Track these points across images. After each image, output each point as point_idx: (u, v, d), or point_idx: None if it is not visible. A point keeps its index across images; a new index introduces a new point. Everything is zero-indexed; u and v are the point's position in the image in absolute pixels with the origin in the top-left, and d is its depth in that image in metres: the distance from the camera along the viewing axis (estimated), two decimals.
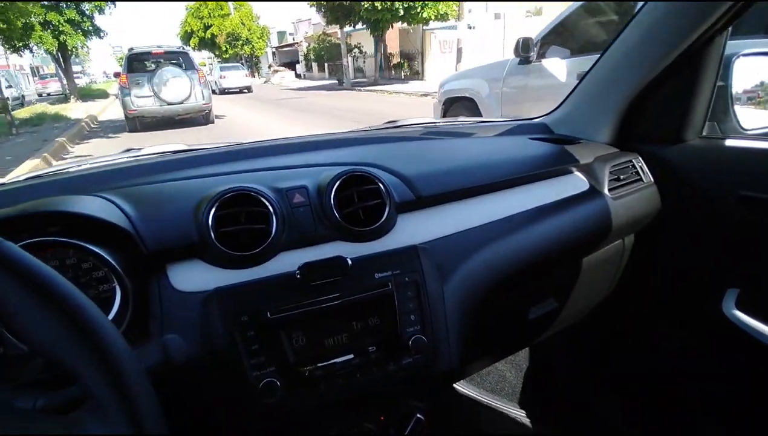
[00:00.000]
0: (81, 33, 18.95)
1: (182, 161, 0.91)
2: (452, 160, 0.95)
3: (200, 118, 9.64)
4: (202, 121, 9.65)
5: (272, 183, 0.73)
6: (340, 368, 0.64)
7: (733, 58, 1.17)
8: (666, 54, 0.96)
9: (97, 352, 0.36)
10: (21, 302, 0.35)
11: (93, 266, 0.60)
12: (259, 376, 0.60)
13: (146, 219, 0.64)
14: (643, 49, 1.00)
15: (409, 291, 0.69)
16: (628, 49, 1.03)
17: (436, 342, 0.69)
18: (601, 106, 1.13)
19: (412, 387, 0.71)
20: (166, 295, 0.62)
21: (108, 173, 0.84)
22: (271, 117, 11.10)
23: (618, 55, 1.06)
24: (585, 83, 1.16)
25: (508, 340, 1.12)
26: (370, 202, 0.73)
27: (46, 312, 0.36)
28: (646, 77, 1.01)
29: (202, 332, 0.61)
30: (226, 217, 0.66)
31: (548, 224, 0.90)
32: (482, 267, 0.79)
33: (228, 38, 34.37)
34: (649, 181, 1.08)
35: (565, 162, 1.01)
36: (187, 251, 0.65)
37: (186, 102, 8.96)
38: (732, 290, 1.00)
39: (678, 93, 1.03)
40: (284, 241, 0.68)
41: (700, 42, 0.93)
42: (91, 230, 0.61)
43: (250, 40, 34.98)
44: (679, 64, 0.97)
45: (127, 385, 0.37)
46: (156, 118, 9.18)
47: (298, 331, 0.63)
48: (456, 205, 0.84)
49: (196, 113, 9.41)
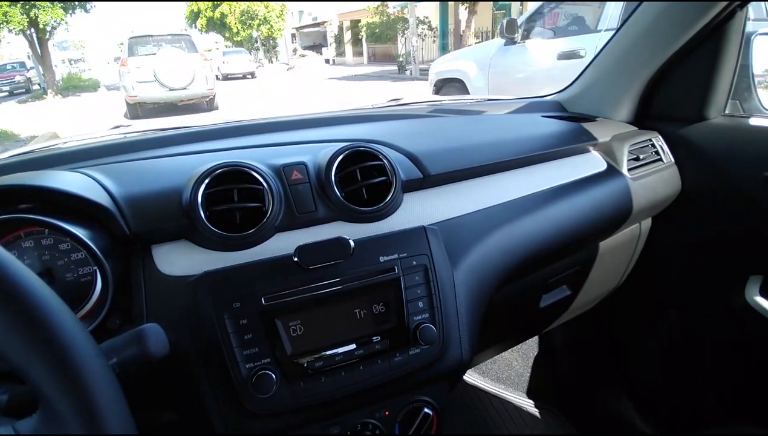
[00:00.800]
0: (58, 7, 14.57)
1: (172, 138, 0.86)
2: (461, 137, 0.90)
3: (204, 105, 9.22)
4: (206, 108, 9.25)
5: (268, 159, 0.68)
6: (341, 359, 0.60)
7: (752, 37, 1.14)
8: (687, 29, 0.92)
9: (51, 354, 0.32)
10: None
11: (71, 247, 0.56)
12: (253, 368, 0.55)
13: (130, 197, 0.61)
14: (663, 24, 0.96)
15: (416, 276, 0.64)
16: (647, 24, 0.98)
17: (445, 331, 0.65)
18: (618, 82, 1.08)
19: (419, 380, 0.67)
20: (150, 278, 0.59)
21: (92, 150, 0.80)
22: None
23: (636, 30, 1.01)
24: (601, 59, 1.11)
25: (519, 328, 1.09)
26: (375, 180, 0.69)
27: None
28: (666, 53, 0.97)
29: (189, 320, 0.56)
30: (218, 195, 0.62)
31: (565, 205, 0.85)
32: (495, 251, 0.74)
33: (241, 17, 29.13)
34: (669, 161, 1.03)
35: (581, 140, 0.97)
36: (175, 232, 0.61)
37: (189, 87, 8.51)
38: (755, 277, 0.96)
39: (700, 69, 0.99)
40: (281, 221, 0.64)
41: (721, 17, 0.90)
42: (70, 208, 0.57)
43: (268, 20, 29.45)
44: (700, 40, 0.94)
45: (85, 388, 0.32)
46: (158, 105, 8.71)
47: (295, 319, 0.59)
48: (466, 184, 0.80)
49: (199, 99, 8.96)
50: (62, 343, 0.32)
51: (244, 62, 19.61)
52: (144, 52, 8.55)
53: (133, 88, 8.23)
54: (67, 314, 0.34)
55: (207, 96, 9.01)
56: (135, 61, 8.28)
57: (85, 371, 0.33)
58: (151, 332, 0.45)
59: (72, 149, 0.81)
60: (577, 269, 1.01)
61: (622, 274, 1.14)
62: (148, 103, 8.57)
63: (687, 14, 0.91)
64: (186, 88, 8.51)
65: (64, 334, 0.33)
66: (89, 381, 0.33)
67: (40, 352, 0.32)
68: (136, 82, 8.22)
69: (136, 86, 8.23)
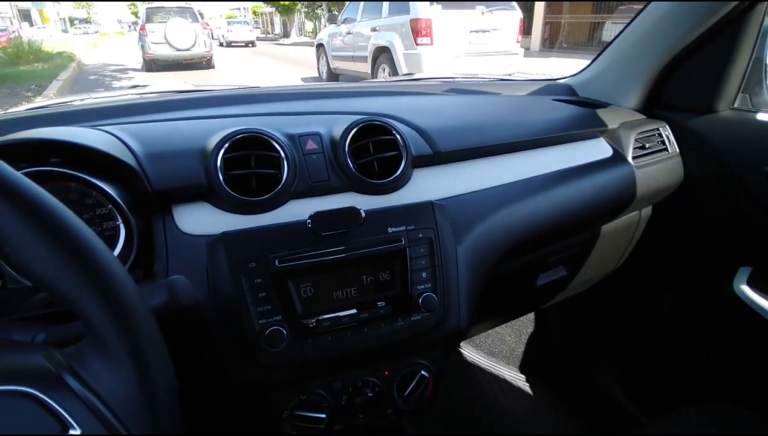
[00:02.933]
0: None
1: (191, 101, 0.88)
2: (472, 116, 0.92)
3: (203, 64, 11.70)
4: (205, 66, 11.71)
5: (284, 128, 0.70)
6: (347, 321, 0.63)
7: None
8: (702, 21, 0.92)
9: (100, 287, 0.35)
10: (22, 233, 0.33)
11: (97, 202, 0.58)
12: (266, 324, 0.59)
13: (152, 157, 0.62)
14: (679, 14, 0.95)
15: (422, 248, 0.67)
16: (663, 13, 0.98)
17: (446, 301, 0.68)
18: (631, 70, 1.08)
19: (418, 345, 0.71)
20: (172, 236, 0.61)
21: (114, 108, 0.81)
22: None
23: (652, 19, 1.01)
24: (615, 46, 1.11)
25: (516, 304, 1.12)
26: (386, 154, 0.71)
27: (48, 244, 0.34)
28: (680, 43, 0.97)
29: (207, 277, 0.60)
30: (236, 160, 0.63)
31: (569, 188, 0.87)
32: (498, 229, 0.77)
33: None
34: (674, 151, 1.05)
35: (589, 126, 0.98)
36: (194, 193, 0.63)
37: (191, 49, 10.99)
38: (744, 268, 0.99)
39: (712, 61, 0.98)
40: (295, 188, 0.66)
41: (739, 9, 0.89)
42: (95, 164, 0.58)
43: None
44: (715, 32, 0.93)
45: (131, 322, 0.35)
46: (168, 62, 11.08)
47: (306, 281, 0.62)
48: (474, 163, 0.82)
49: (199, 59, 11.41)
50: (117, 288, 0.35)
51: (246, 32, 21.89)
52: (157, 20, 10.96)
53: (149, 48, 10.70)
54: (116, 262, 0.36)
55: (205, 56, 11.50)
56: (151, 27, 10.70)
57: (136, 315, 0.36)
58: (180, 283, 0.48)
59: (93, 107, 0.82)
60: (576, 251, 1.03)
61: (618, 258, 1.16)
62: (160, 60, 10.93)
63: (704, 5, 0.91)
64: (189, 49, 10.98)
65: (119, 280, 0.35)
66: (139, 323, 0.36)
67: (98, 295, 0.34)
68: (152, 43, 10.71)
69: (151, 46, 10.74)
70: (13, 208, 0.33)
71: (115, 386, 0.35)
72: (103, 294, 0.35)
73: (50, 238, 0.34)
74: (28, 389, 0.32)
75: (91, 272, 0.34)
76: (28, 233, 0.33)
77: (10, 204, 0.33)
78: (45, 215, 0.34)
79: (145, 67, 11.29)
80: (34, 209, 0.34)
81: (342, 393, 0.71)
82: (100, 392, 0.34)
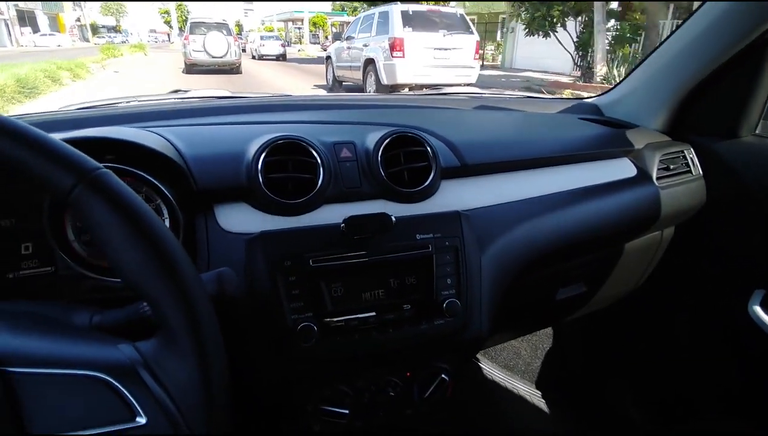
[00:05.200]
0: None
1: (230, 108, 0.92)
2: (500, 131, 0.95)
3: (233, 69, 14.00)
4: (234, 71, 14.06)
5: (320, 136, 0.73)
6: (373, 321, 0.66)
7: None
8: (728, 49, 0.94)
9: (180, 292, 0.38)
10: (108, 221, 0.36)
11: (146, 198, 0.61)
12: (297, 319, 0.61)
13: (198, 158, 0.66)
14: (706, 42, 0.97)
15: (448, 255, 0.70)
16: (691, 40, 1.00)
17: (469, 308, 0.70)
18: (657, 93, 1.10)
19: (440, 348, 0.73)
20: (213, 233, 0.64)
21: (159, 112, 0.86)
22: None
23: (680, 44, 1.03)
24: (643, 69, 1.13)
25: (534, 317, 1.13)
26: (417, 164, 0.74)
27: (132, 238, 0.37)
28: (707, 69, 0.99)
29: (246, 272, 0.63)
30: (275, 163, 0.67)
31: (592, 206, 0.89)
32: (521, 242, 0.79)
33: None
34: (698, 173, 1.06)
35: (614, 145, 1.00)
36: (235, 193, 0.66)
37: (224, 57, 13.25)
38: (759, 291, 0.99)
39: (736, 87, 1.01)
40: (329, 193, 0.68)
41: (763, 39, 0.91)
42: (146, 162, 0.62)
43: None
44: (741, 59, 0.95)
45: (200, 323, 0.38)
46: (204, 67, 13.42)
47: (337, 281, 0.65)
48: (500, 176, 0.84)
49: (230, 65, 13.73)
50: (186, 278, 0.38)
51: (276, 46, 23.51)
52: (199, 32, 13.37)
53: (190, 54, 13.08)
54: (190, 262, 0.40)
55: (235, 63, 13.88)
56: (193, 38, 13.09)
57: (200, 308, 0.39)
58: (228, 274, 0.51)
59: (140, 110, 0.87)
60: (597, 268, 1.04)
61: (639, 277, 1.17)
62: (199, 64, 13.31)
63: (732, 33, 0.92)
64: (222, 57, 13.30)
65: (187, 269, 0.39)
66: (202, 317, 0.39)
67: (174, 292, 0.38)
68: (192, 51, 13.02)
69: (192, 53, 13.03)
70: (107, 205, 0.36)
71: (181, 380, 0.38)
72: (181, 299, 0.38)
73: (135, 233, 0.37)
74: (105, 376, 0.35)
75: (175, 280, 0.38)
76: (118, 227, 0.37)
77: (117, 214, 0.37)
78: (143, 226, 0.38)
79: (185, 70, 13.74)
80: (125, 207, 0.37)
81: (365, 391, 0.73)
82: (168, 386, 0.37)
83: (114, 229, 0.37)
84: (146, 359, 0.38)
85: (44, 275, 0.59)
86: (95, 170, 0.37)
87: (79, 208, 0.37)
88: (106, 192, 0.37)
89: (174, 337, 0.38)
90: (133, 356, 0.38)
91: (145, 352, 0.38)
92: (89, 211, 0.37)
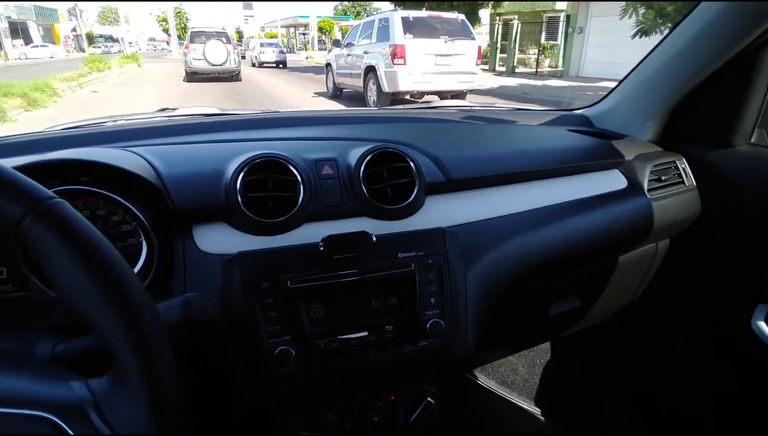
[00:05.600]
0: None
1: (214, 125, 0.91)
2: (486, 145, 0.93)
3: (232, 77, 14.18)
4: (233, 79, 14.19)
5: (301, 153, 0.72)
6: (355, 343, 0.64)
7: None
8: (719, 55, 0.92)
9: (123, 310, 0.36)
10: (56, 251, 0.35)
11: (122, 220, 0.60)
12: (275, 343, 0.60)
13: (176, 177, 0.65)
14: (697, 49, 0.96)
15: (431, 274, 0.68)
16: (681, 48, 0.98)
17: (454, 328, 0.69)
18: (647, 102, 1.08)
19: (425, 370, 0.72)
20: (190, 254, 0.63)
21: (142, 130, 0.85)
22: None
23: (670, 53, 1.01)
24: (632, 78, 1.12)
25: (527, 334, 1.10)
26: (400, 181, 0.73)
27: (80, 270, 0.36)
28: (697, 77, 0.97)
29: (222, 294, 0.61)
30: (254, 182, 0.66)
31: (582, 219, 0.87)
32: (508, 257, 0.78)
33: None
34: (691, 184, 1.04)
35: (604, 157, 0.99)
36: (214, 213, 0.65)
37: (224, 65, 13.45)
38: (763, 305, 0.97)
39: (729, 96, 0.99)
40: (310, 211, 0.67)
41: (755, 45, 0.89)
42: (122, 183, 0.61)
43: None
44: (732, 67, 0.93)
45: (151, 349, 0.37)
46: (204, 74, 13.70)
47: (316, 303, 0.63)
48: (487, 191, 0.83)
49: (229, 72, 13.92)
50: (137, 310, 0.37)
51: (276, 53, 23.36)
52: (198, 41, 13.55)
53: (191, 63, 13.27)
54: (140, 285, 0.39)
55: (234, 70, 14.03)
56: (193, 46, 13.31)
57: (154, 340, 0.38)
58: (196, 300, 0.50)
59: (124, 129, 0.86)
60: (590, 282, 1.02)
61: (634, 291, 1.15)
62: (199, 72, 13.55)
63: (722, 40, 0.91)
64: (222, 65, 13.47)
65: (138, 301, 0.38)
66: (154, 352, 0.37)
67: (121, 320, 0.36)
68: (193, 59, 13.19)
69: (192, 61, 13.21)
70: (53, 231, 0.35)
71: (130, 420, 0.36)
72: (131, 334, 0.36)
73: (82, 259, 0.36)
74: (51, 416, 0.34)
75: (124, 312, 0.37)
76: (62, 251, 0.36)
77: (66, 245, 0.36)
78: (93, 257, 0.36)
79: (186, 78, 13.91)
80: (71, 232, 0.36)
81: (348, 415, 0.71)
82: (116, 426, 0.36)
83: (62, 260, 0.36)
84: (96, 398, 0.36)
85: (18, 300, 0.58)
86: (47, 200, 0.37)
87: (29, 238, 0.36)
88: (57, 223, 0.36)
89: (124, 372, 0.37)
90: (83, 394, 0.36)
91: (96, 389, 0.37)
92: (39, 242, 0.36)
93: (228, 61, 13.61)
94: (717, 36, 0.92)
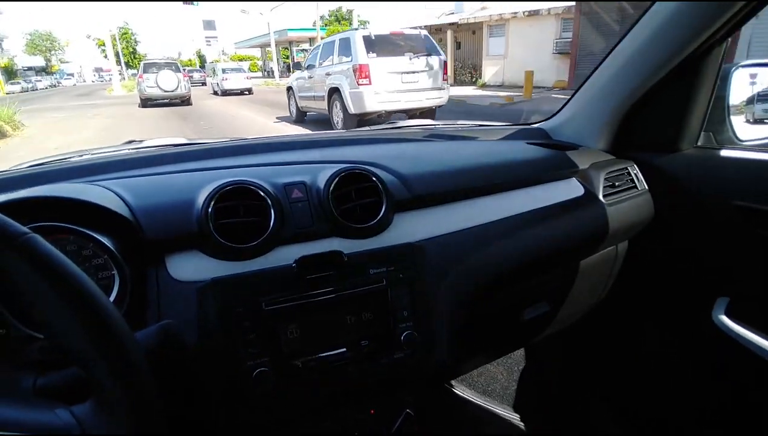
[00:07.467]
0: None
1: (182, 155, 0.92)
2: (450, 161, 0.96)
3: (183, 101, 15.44)
4: (184, 103, 15.46)
5: (271, 178, 0.74)
6: (332, 360, 0.65)
7: (732, 69, 1.18)
8: (664, 63, 0.96)
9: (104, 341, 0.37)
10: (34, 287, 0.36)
11: (93, 253, 0.60)
12: (253, 365, 0.61)
13: (146, 209, 0.65)
14: (641, 58, 1.00)
15: (402, 287, 0.70)
16: (627, 58, 1.03)
17: (428, 339, 0.70)
18: (598, 113, 1.14)
19: (403, 382, 0.73)
20: (164, 283, 0.63)
21: (109, 163, 0.85)
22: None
23: (617, 63, 1.06)
24: (584, 90, 1.17)
25: (502, 340, 1.13)
26: (368, 200, 0.75)
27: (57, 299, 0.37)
28: (644, 86, 1.02)
29: (198, 320, 0.62)
30: (225, 209, 0.67)
31: (543, 227, 0.91)
32: (477, 267, 0.80)
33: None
34: (643, 188, 1.10)
35: (561, 167, 1.03)
36: (187, 242, 0.66)
37: (175, 91, 14.73)
38: (722, 299, 1.01)
39: (675, 102, 1.04)
40: (282, 235, 0.68)
41: (699, 51, 0.93)
42: (92, 217, 0.61)
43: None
44: (677, 73, 0.97)
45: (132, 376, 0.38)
46: (157, 101, 14.94)
47: (292, 323, 0.65)
48: (453, 205, 0.86)
49: (180, 98, 15.27)
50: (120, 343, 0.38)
51: (241, 79, 21.01)
52: (151, 71, 14.72)
53: (145, 90, 14.55)
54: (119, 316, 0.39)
55: (185, 96, 15.34)
56: (146, 76, 14.48)
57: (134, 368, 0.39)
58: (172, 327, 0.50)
59: (91, 163, 0.86)
60: (557, 286, 1.07)
61: (600, 292, 1.20)
62: (152, 98, 14.80)
63: (667, 47, 0.94)
64: (173, 91, 14.76)
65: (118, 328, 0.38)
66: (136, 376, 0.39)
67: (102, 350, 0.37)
68: (146, 87, 14.42)
69: (145, 89, 14.46)
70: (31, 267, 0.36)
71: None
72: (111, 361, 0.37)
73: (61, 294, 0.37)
74: None
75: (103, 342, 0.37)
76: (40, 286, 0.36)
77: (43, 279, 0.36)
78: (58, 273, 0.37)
79: (141, 104, 15.16)
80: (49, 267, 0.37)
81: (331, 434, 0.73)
82: None
83: (40, 294, 0.36)
84: (81, 423, 0.37)
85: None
86: (22, 236, 0.37)
87: (6, 274, 0.36)
88: (32, 258, 0.37)
89: (107, 398, 0.38)
90: (68, 420, 0.37)
91: (80, 415, 0.38)
92: (15, 277, 0.36)
93: (179, 88, 14.77)
94: (663, 43, 0.96)
